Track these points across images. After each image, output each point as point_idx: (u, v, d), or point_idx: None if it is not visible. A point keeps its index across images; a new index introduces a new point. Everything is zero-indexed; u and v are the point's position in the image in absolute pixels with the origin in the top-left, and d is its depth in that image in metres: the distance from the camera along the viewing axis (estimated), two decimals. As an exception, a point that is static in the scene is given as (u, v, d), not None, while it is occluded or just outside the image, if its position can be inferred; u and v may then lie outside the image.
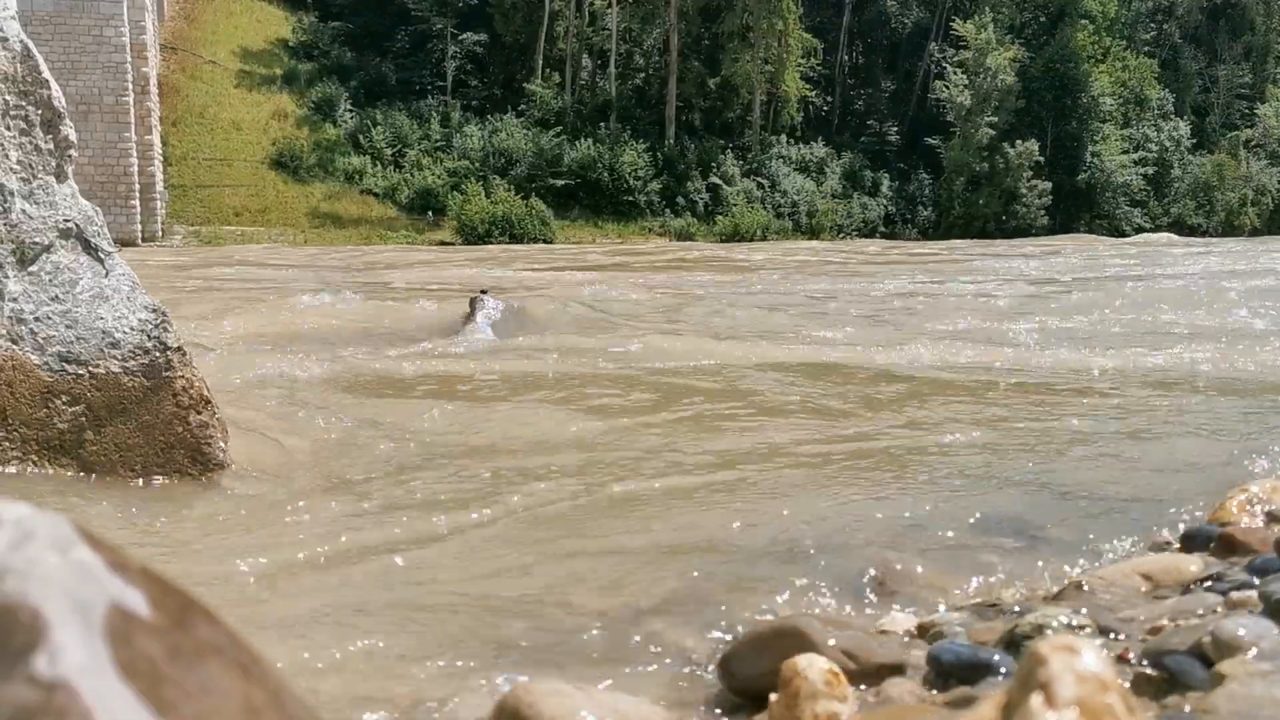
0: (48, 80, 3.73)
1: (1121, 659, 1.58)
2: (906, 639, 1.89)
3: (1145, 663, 1.57)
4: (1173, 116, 56.00)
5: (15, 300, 3.60)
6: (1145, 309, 10.24)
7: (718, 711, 1.70)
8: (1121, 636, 1.73)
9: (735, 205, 43.07)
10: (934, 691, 1.59)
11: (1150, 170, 52.87)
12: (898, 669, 1.68)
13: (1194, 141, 55.69)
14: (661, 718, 1.45)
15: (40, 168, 3.68)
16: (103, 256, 3.81)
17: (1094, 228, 49.51)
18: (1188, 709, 1.37)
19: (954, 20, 50.70)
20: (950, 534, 2.80)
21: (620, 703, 1.39)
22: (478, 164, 39.76)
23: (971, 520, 2.95)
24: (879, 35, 55.03)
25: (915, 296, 12.21)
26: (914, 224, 48.55)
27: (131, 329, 3.79)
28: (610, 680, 1.83)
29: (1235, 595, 1.83)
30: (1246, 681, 1.37)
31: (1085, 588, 2.02)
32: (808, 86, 47.85)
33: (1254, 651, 1.46)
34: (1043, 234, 45.66)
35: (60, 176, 3.75)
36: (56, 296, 3.68)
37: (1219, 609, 1.79)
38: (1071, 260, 21.96)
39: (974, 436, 4.34)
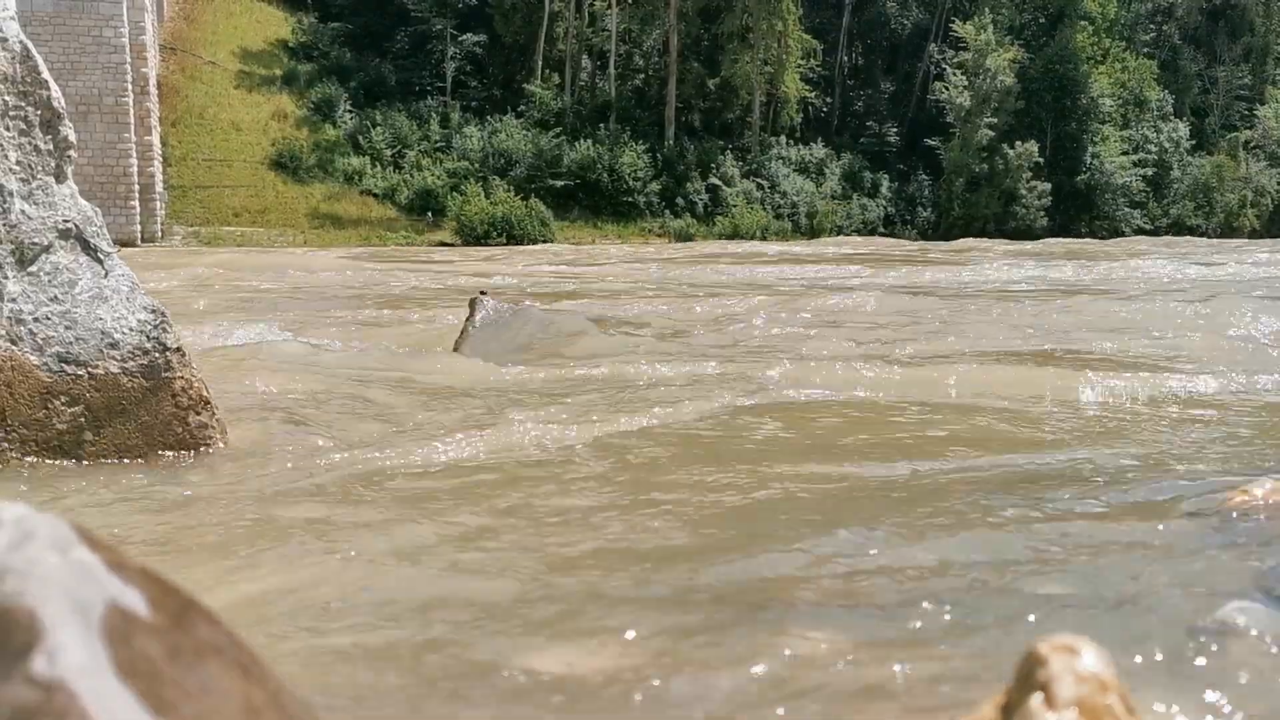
0: (47, 81, 3.73)
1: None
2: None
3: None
4: (1172, 118, 56.00)
5: (14, 301, 3.60)
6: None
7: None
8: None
9: (735, 206, 43.08)
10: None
11: (1150, 171, 52.85)
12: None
13: (1193, 143, 55.67)
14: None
15: (40, 168, 3.68)
16: (102, 257, 3.81)
17: (1094, 229, 49.51)
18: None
19: (953, 21, 50.72)
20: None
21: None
22: (477, 165, 39.76)
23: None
24: (878, 36, 55.05)
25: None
26: (913, 225, 48.55)
27: (131, 330, 3.79)
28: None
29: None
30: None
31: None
32: (807, 87, 47.87)
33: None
34: (1044, 235, 45.66)
35: (60, 177, 3.75)
36: (56, 297, 3.68)
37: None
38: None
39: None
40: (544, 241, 35.99)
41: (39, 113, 3.69)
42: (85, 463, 3.70)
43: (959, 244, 37.27)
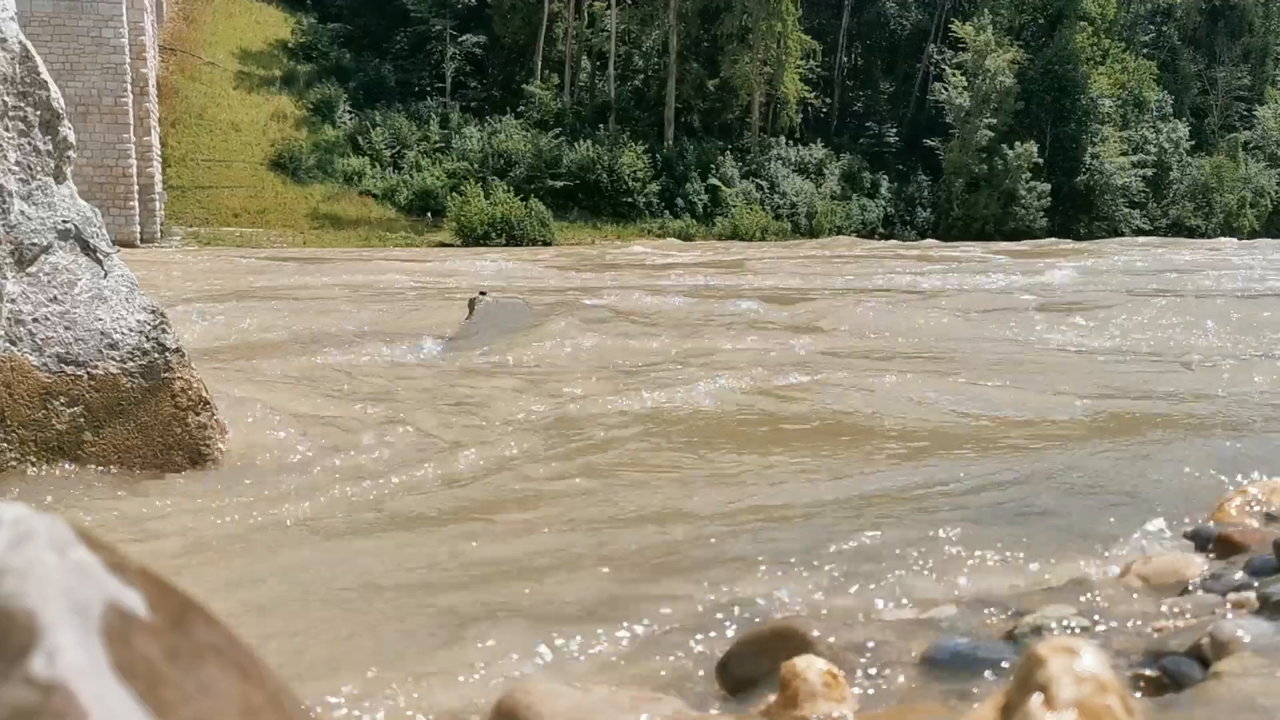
0: (46, 81, 3.73)
1: (1120, 659, 1.58)
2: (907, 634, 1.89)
3: (1144, 664, 1.57)
4: (1171, 118, 56.03)
5: (14, 301, 3.60)
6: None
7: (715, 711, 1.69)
8: (1119, 637, 1.73)
9: (734, 207, 43.12)
10: (935, 689, 1.58)
11: (1149, 172, 52.88)
12: (900, 665, 1.68)
13: (1193, 143, 55.70)
14: (661, 708, 1.45)
15: (39, 169, 3.68)
16: (101, 258, 3.81)
17: (1093, 230, 49.54)
18: (1186, 710, 1.37)
19: (953, 22, 50.76)
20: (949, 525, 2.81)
21: (620, 698, 1.39)
22: (477, 165, 39.79)
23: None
24: (878, 37, 55.09)
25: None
26: (913, 225, 48.58)
27: (130, 330, 3.79)
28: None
29: (1234, 596, 1.83)
30: (1245, 681, 1.37)
31: (1083, 586, 2.02)
32: (807, 88, 47.90)
33: (1252, 651, 1.46)
34: (1043, 236, 45.68)
35: (59, 177, 3.75)
36: (55, 297, 3.68)
37: (1217, 610, 1.79)
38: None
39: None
40: (544, 243, 36.00)
41: (38, 113, 3.68)
42: (84, 463, 3.70)
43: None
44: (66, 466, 3.65)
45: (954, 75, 48.72)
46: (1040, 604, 1.98)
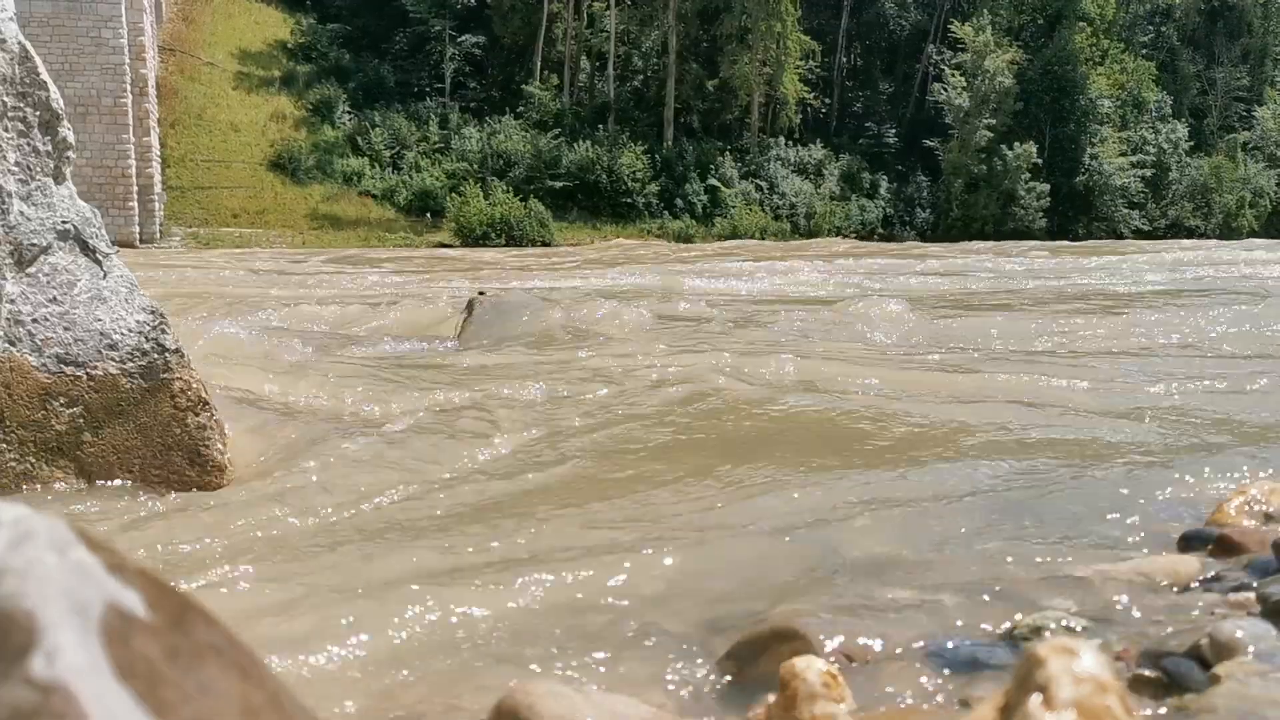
0: (46, 82, 3.72)
1: (1119, 660, 1.58)
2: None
3: (1143, 664, 1.57)
4: (1170, 119, 56.03)
5: (13, 302, 3.60)
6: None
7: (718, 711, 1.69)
8: (1119, 637, 1.73)
9: (734, 207, 43.14)
10: (935, 689, 1.59)
11: (1148, 173, 52.88)
12: (900, 665, 1.68)
13: (1192, 144, 55.70)
14: (659, 718, 1.45)
15: (38, 169, 3.68)
16: (101, 258, 3.81)
17: (1092, 230, 49.55)
18: (1185, 711, 1.37)
19: (952, 22, 50.77)
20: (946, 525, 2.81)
21: (618, 704, 1.39)
22: (476, 166, 39.80)
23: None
24: (877, 37, 55.11)
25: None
26: (912, 226, 48.59)
27: (129, 331, 3.79)
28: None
29: (1233, 596, 1.83)
30: (1244, 682, 1.37)
31: (1083, 586, 2.02)
32: (806, 89, 47.93)
33: (1251, 653, 1.46)
34: (1042, 237, 45.69)
35: (58, 178, 3.74)
36: (54, 298, 3.68)
37: (1217, 610, 1.79)
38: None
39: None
40: (543, 244, 36.01)
41: (38, 114, 3.68)
42: (83, 465, 3.70)
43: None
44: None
45: (953, 76, 48.72)
46: (1040, 604, 1.98)
